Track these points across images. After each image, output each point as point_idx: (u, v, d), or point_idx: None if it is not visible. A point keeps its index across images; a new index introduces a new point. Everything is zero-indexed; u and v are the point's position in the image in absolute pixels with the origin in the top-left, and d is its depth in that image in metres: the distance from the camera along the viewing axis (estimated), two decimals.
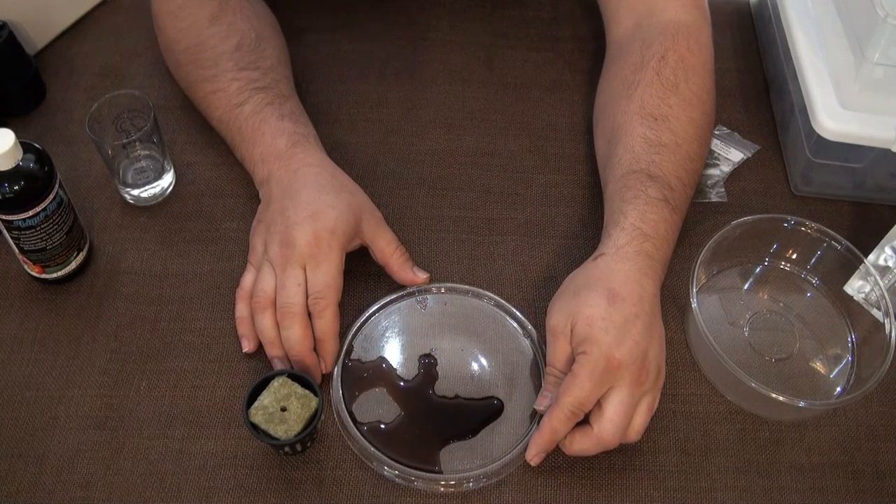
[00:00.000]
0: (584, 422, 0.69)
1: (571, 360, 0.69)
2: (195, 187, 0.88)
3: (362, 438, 0.72)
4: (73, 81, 0.95)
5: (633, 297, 0.70)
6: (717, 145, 0.93)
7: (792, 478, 0.73)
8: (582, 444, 0.69)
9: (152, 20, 0.91)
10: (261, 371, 0.76)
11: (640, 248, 0.73)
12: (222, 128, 0.85)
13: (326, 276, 0.74)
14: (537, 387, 0.75)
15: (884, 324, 0.76)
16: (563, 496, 0.71)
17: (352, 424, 0.73)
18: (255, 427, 0.69)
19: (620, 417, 0.68)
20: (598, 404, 0.69)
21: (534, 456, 0.70)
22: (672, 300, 0.81)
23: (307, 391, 0.71)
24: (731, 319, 0.81)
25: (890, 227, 0.79)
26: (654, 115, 0.80)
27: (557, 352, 0.70)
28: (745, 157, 0.92)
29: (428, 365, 0.76)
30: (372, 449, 0.71)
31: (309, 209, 0.75)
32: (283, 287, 0.73)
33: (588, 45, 1.01)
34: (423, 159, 0.91)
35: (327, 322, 0.74)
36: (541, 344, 0.77)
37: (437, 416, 0.74)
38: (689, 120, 0.80)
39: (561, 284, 0.75)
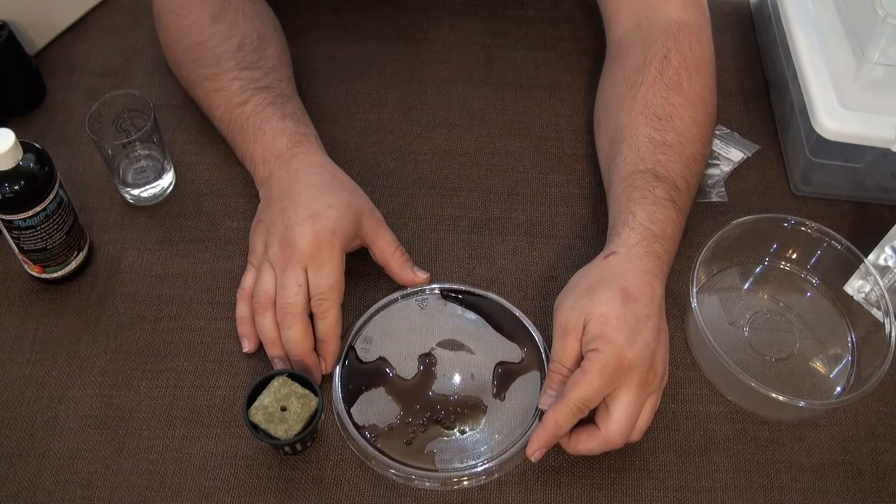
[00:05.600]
0: (587, 421, 0.70)
1: (580, 359, 0.69)
2: (195, 187, 0.88)
3: (362, 438, 0.72)
4: (73, 81, 0.95)
5: (645, 298, 0.70)
6: (717, 145, 0.93)
7: (792, 478, 0.73)
8: (588, 445, 0.69)
9: (153, 18, 0.91)
10: (261, 371, 0.76)
11: (649, 248, 0.73)
12: (223, 127, 0.85)
13: (329, 277, 0.74)
14: (538, 385, 0.75)
15: (884, 324, 0.76)
16: (562, 496, 0.71)
17: (351, 424, 0.73)
18: (255, 427, 0.69)
19: (628, 419, 0.68)
20: (605, 405, 0.69)
21: (535, 451, 0.70)
22: (672, 300, 0.81)
23: (307, 391, 0.71)
24: (731, 319, 0.81)
25: (890, 227, 0.79)
26: (657, 115, 0.80)
27: (566, 349, 0.70)
28: (745, 157, 0.92)
29: (428, 364, 0.76)
30: (371, 449, 0.71)
31: (309, 209, 0.75)
32: (284, 287, 0.73)
33: (588, 45, 1.01)
34: (423, 159, 0.91)
35: (330, 323, 0.74)
36: (541, 343, 0.77)
37: (436, 416, 0.74)
38: (693, 120, 0.80)
39: (569, 281, 0.75)
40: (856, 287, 0.80)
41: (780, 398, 0.71)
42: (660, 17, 0.85)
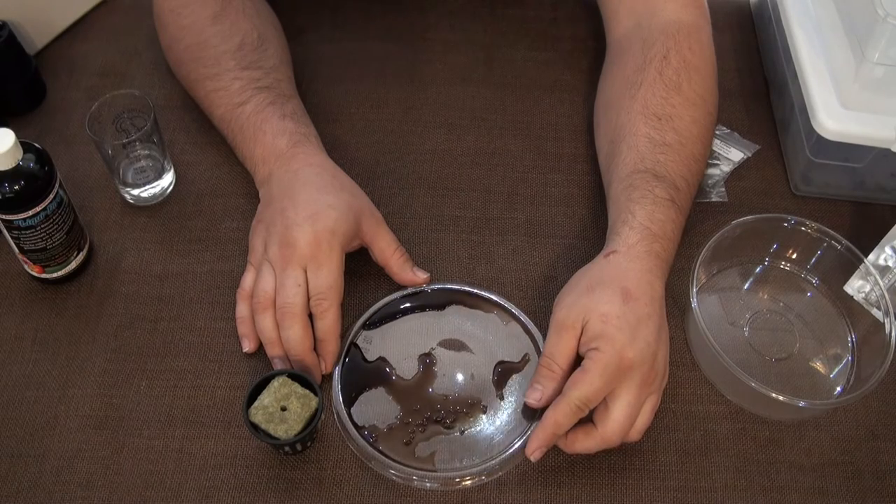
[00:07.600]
0: (585, 420, 0.69)
1: (573, 357, 0.69)
2: (195, 187, 0.88)
3: (362, 439, 0.72)
4: (73, 81, 0.95)
5: (645, 298, 0.70)
6: (717, 145, 0.93)
7: (792, 478, 0.73)
8: (585, 444, 0.69)
9: (153, 18, 0.91)
10: (261, 371, 0.76)
11: (649, 248, 0.73)
12: (223, 126, 0.85)
13: (329, 277, 0.74)
14: None
15: (884, 324, 0.76)
16: (562, 496, 0.71)
17: (351, 425, 0.73)
18: (255, 427, 0.69)
19: (626, 418, 0.68)
20: (604, 403, 0.69)
21: (534, 450, 0.69)
22: (672, 300, 0.81)
23: (307, 391, 0.71)
24: (731, 319, 0.81)
25: (890, 227, 0.79)
26: (657, 115, 0.80)
27: (560, 345, 0.70)
28: (745, 157, 0.92)
29: (428, 364, 0.76)
30: (371, 449, 0.71)
31: (309, 209, 0.75)
32: (283, 287, 0.73)
33: (588, 45, 1.01)
34: (423, 159, 0.91)
35: (330, 323, 0.74)
36: (542, 343, 0.77)
37: (436, 416, 0.74)
38: (693, 120, 0.80)
39: (569, 280, 0.74)
40: (856, 287, 0.80)
41: (780, 398, 0.71)
42: (660, 17, 0.85)
